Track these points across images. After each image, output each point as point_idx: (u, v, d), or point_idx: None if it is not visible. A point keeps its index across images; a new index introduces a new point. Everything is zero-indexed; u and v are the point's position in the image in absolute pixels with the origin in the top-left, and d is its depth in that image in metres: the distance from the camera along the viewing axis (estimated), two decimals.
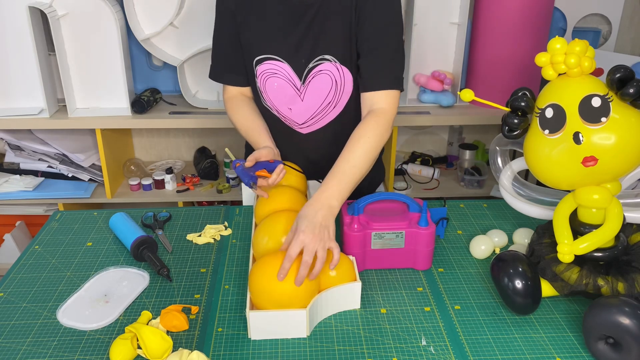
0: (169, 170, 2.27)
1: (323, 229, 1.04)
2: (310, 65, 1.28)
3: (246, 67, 1.35)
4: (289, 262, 0.98)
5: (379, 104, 1.25)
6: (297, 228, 1.03)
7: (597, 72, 1.02)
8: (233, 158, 1.24)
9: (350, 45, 1.27)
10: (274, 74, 1.30)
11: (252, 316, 0.95)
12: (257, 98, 1.38)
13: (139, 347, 0.93)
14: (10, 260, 2.24)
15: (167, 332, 0.98)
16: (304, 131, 1.38)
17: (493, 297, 1.08)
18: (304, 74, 1.29)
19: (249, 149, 1.57)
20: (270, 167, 1.20)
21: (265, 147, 1.26)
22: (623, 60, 2.11)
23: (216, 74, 1.40)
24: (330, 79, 1.29)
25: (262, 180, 1.19)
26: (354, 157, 1.17)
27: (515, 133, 1.02)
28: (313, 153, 1.40)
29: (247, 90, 1.41)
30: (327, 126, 1.36)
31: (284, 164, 1.22)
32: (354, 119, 1.35)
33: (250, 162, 1.19)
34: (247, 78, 1.37)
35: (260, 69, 1.31)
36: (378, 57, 1.26)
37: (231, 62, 1.36)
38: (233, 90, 1.40)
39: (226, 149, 1.31)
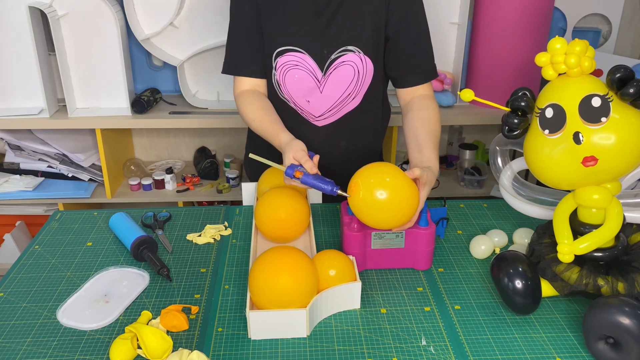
0: (169, 170, 2.27)
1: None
2: (333, 57, 1.28)
3: (265, 58, 1.32)
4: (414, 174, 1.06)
5: (421, 91, 1.34)
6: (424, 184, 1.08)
7: (596, 74, 1.02)
8: (282, 168, 1.13)
9: (378, 36, 1.27)
10: (295, 66, 1.29)
11: (252, 316, 0.95)
12: (273, 91, 1.35)
13: (139, 347, 0.93)
14: (10, 260, 2.24)
15: (167, 332, 0.98)
16: (320, 124, 1.37)
17: (493, 297, 1.08)
18: (326, 65, 1.29)
19: (252, 147, 1.56)
20: (319, 185, 1.11)
21: (292, 140, 1.18)
22: (623, 62, 2.11)
23: (232, 67, 1.35)
24: (353, 70, 1.29)
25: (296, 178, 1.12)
26: (436, 133, 1.28)
27: (515, 133, 1.02)
28: (325, 147, 1.37)
29: (261, 85, 1.36)
30: (342, 119, 1.36)
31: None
32: (370, 112, 1.37)
33: (315, 167, 1.11)
34: (264, 69, 1.34)
35: (280, 61, 1.29)
36: (416, 52, 1.31)
37: (249, 52, 1.32)
38: (246, 85, 1.36)
39: (251, 155, 1.18)
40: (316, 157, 1.14)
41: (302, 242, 1.23)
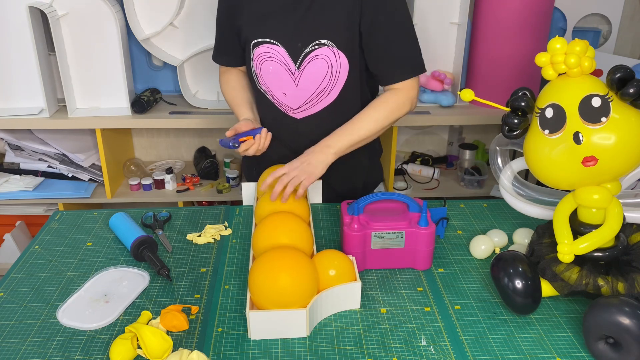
0: (169, 170, 2.27)
1: (306, 165, 1.25)
2: (307, 50, 1.30)
3: (244, 49, 1.39)
4: (271, 178, 1.22)
5: (400, 87, 1.36)
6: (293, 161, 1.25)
7: (596, 74, 1.02)
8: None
9: (352, 31, 1.28)
10: (269, 57, 1.32)
11: (252, 316, 0.95)
12: (253, 82, 1.41)
13: (139, 347, 0.93)
14: (10, 260, 2.24)
15: (167, 332, 0.98)
16: (298, 116, 1.39)
17: (493, 297, 1.08)
18: (300, 59, 1.31)
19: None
20: (253, 134, 1.30)
21: (244, 119, 1.34)
22: (623, 62, 2.11)
23: (214, 55, 1.50)
24: (327, 64, 1.30)
25: (246, 144, 1.30)
26: (362, 119, 1.32)
27: (515, 133, 1.02)
28: (307, 138, 1.38)
29: (239, 70, 1.50)
30: (321, 112, 1.38)
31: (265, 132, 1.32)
32: (349, 107, 1.38)
33: (229, 132, 1.29)
34: (235, 59, 1.46)
35: (256, 52, 1.33)
36: (392, 50, 1.32)
37: (225, 45, 1.45)
38: (224, 68, 1.51)
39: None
40: (263, 131, 1.31)
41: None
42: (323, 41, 1.28)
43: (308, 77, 1.32)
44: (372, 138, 1.35)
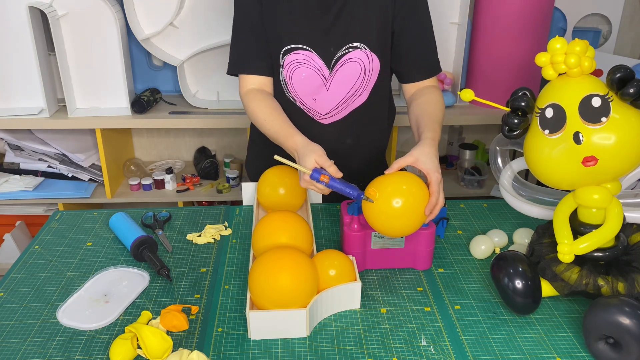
0: (169, 170, 2.27)
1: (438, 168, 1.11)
2: (339, 54, 1.28)
3: (271, 56, 1.32)
4: (435, 197, 1.06)
5: (426, 83, 1.36)
6: (428, 167, 1.08)
7: (596, 74, 1.02)
8: (307, 171, 1.08)
9: (384, 32, 1.28)
10: (303, 64, 1.29)
11: (252, 316, 0.95)
12: (280, 90, 1.34)
13: (139, 347, 0.93)
14: (10, 260, 2.24)
15: (167, 332, 0.98)
16: (326, 122, 1.37)
17: (493, 297, 1.08)
18: (332, 63, 1.29)
19: (254, 148, 1.55)
20: (346, 191, 1.08)
21: (309, 143, 1.15)
22: (623, 62, 2.11)
23: (238, 66, 1.33)
24: (360, 67, 1.29)
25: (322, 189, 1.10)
26: (432, 113, 1.25)
27: (515, 133, 1.02)
28: (332, 145, 1.31)
29: (267, 83, 1.34)
30: (348, 116, 1.36)
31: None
32: (376, 109, 1.38)
33: (338, 171, 1.09)
34: (271, 66, 1.32)
35: (287, 60, 1.29)
36: (421, 47, 1.33)
37: (255, 50, 1.31)
38: (252, 84, 1.33)
39: (276, 156, 1.10)
40: (334, 168, 1.10)
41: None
42: (356, 44, 1.27)
43: (340, 81, 1.31)
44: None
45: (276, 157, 1.11)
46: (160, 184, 2.26)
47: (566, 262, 0.97)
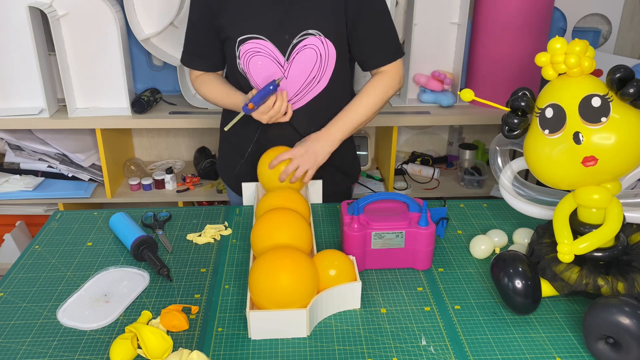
0: (169, 170, 2.27)
1: (311, 155, 1.32)
2: (295, 41, 1.31)
3: (225, 50, 1.38)
4: (277, 161, 1.29)
5: (385, 69, 1.40)
6: (295, 145, 1.32)
7: (596, 74, 1.02)
8: (242, 112, 1.30)
9: (338, 19, 1.31)
10: (257, 53, 1.32)
11: (252, 316, 0.95)
12: (241, 80, 1.40)
13: (139, 347, 0.93)
14: (10, 260, 2.24)
15: (167, 332, 0.98)
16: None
17: (493, 297, 1.08)
18: (288, 50, 1.32)
19: (223, 154, 1.58)
20: (265, 90, 1.26)
21: (244, 96, 1.34)
22: (623, 62, 2.11)
23: (186, 59, 1.46)
24: (315, 53, 1.32)
25: (266, 107, 1.28)
26: (358, 105, 1.38)
27: (515, 133, 1.02)
28: (300, 129, 1.42)
29: (212, 74, 1.47)
30: (310, 103, 1.39)
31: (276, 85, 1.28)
32: (338, 95, 1.41)
33: (251, 93, 1.27)
34: (215, 63, 1.44)
35: (242, 49, 1.33)
36: (377, 33, 1.36)
37: (201, 48, 1.42)
38: (200, 72, 1.47)
39: (225, 127, 1.34)
40: (278, 93, 1.28)
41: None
42: (310, 31, 1.30)
43: (297, 68, 1.34)
44: (367, 122, 1.41)
45: (225, 128, 1.34)
46: (160, 184, 2.26)
47: (566, 262, 0.97)
